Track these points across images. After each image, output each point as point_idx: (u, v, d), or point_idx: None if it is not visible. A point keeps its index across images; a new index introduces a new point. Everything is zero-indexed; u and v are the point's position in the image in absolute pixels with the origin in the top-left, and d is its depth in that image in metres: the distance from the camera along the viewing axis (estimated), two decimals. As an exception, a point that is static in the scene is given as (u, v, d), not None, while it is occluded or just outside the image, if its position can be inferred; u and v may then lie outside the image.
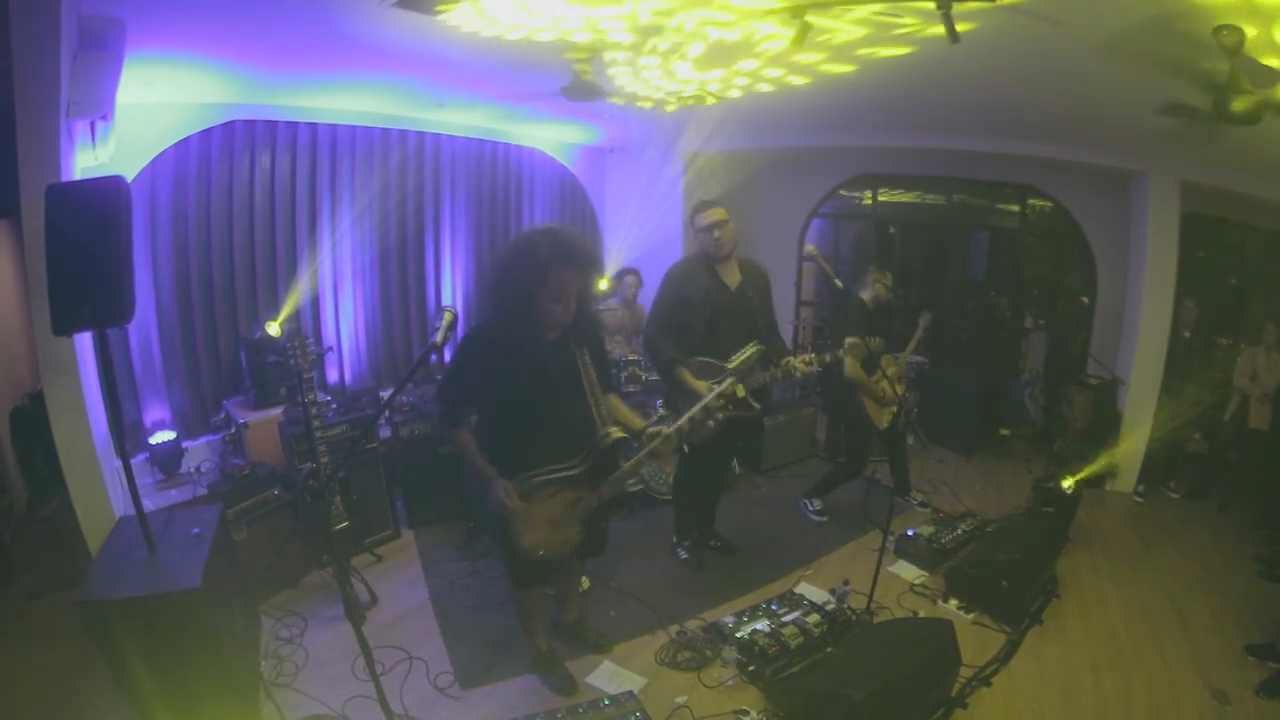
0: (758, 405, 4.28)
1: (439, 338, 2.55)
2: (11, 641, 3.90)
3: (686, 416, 3.19)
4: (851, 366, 5.12)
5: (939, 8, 3.24)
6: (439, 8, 3.66)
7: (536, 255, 2.85)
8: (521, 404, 3.02)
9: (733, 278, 4.34)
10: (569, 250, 2.89)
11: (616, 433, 3.10)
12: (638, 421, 3.26)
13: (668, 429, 3.14)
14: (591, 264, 3.00)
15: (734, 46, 4.28)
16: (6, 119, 3.01)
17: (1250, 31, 3.20)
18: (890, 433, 5.55)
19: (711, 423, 4.11)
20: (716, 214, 4.24)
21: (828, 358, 4.46)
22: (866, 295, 5.34)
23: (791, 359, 4.26)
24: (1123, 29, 3.49)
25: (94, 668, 3.20)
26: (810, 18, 3.57)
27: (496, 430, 3.13)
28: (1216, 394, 6.06)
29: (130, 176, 4.71)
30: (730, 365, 3.65)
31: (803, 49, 4.04)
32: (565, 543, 3.18)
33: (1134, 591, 4.69)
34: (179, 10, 3.57)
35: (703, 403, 3.25)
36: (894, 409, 5.37)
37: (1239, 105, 3.49)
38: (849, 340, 4.62)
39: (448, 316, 2.60)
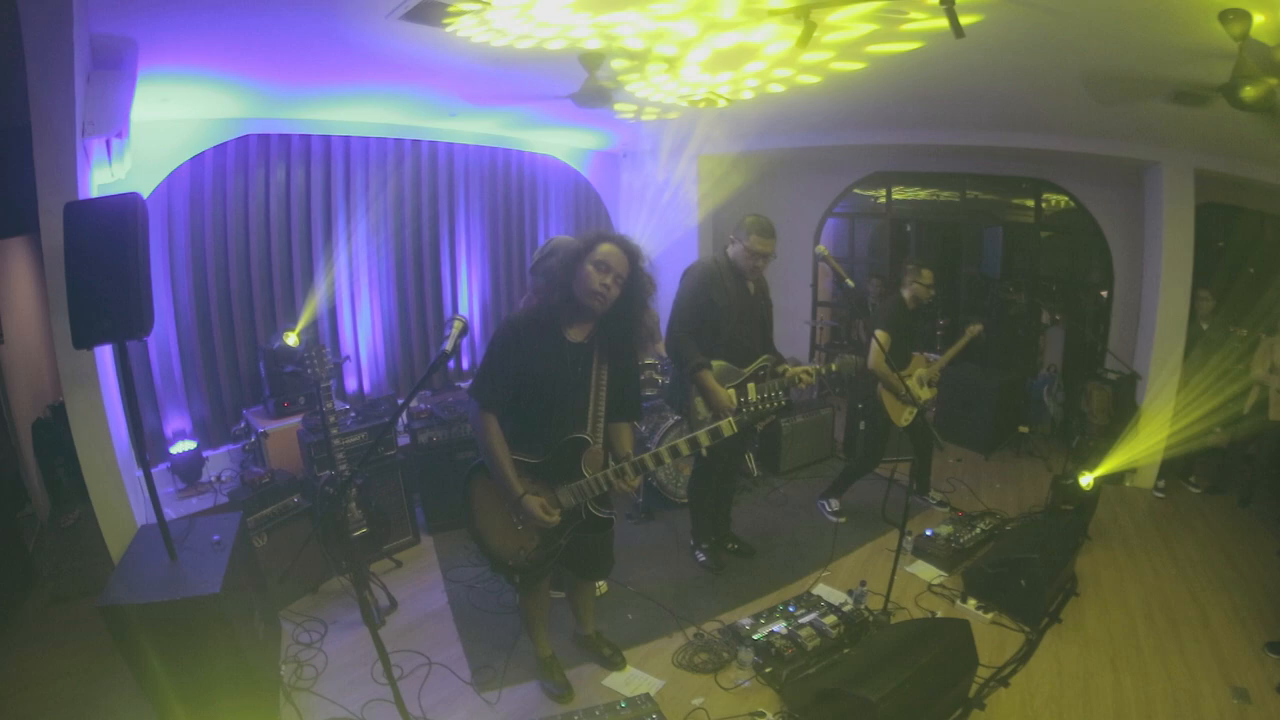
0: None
1: (449, 345, 2.57)
2: (35, 647, 3.97)
3: (666, 447, 3.14)
4: (876, 358, 5.13)
5: (941, 1, 3.24)
6: (446, 20, 3.70)
7: (597, 231, 3.14)
8: (524, 393, 3.05)
9: (750, 285, 4.42)
10: (623, 236, 3.13)
11: (584, 435, 3.10)
12: (627, 449, 3.26)
13: (637, 458, 3.11)
14: (637, 251, 3.10)
15: (742, 49, 4.29)
16: (24, 139, 3.06)
17: (1258, 17, 3.17)
18: (918, 432, 5.54)
19: (759, 426, 4.18)
20: (772, 244, 4.29)
21: (823, 370, 4.49)
22: (906, 294, 5.33)
23: (789, 369, 4.30)
24: (1130, 13, 3.46)
25: (116, 672, 3.27)
26: (815, 17, 3.58)
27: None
28: (1235, 386, 5.99)
29: (147, 192, 4.79)
30: (744, 374, 3.63)
31: (809, 49, 4.05)
32: (520, 549, 3.18)
33: (1154, 588, 4.65)
34: (190, 28, 3.61)
35: (688, 437, 3.17)
36: (914, 409, 5.35)
37: (1249, 92, 3.46)
38: (842, 358, 4.63)
39: (458, 325, 2.62)
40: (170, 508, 4.66)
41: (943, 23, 3.43)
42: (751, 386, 4.28)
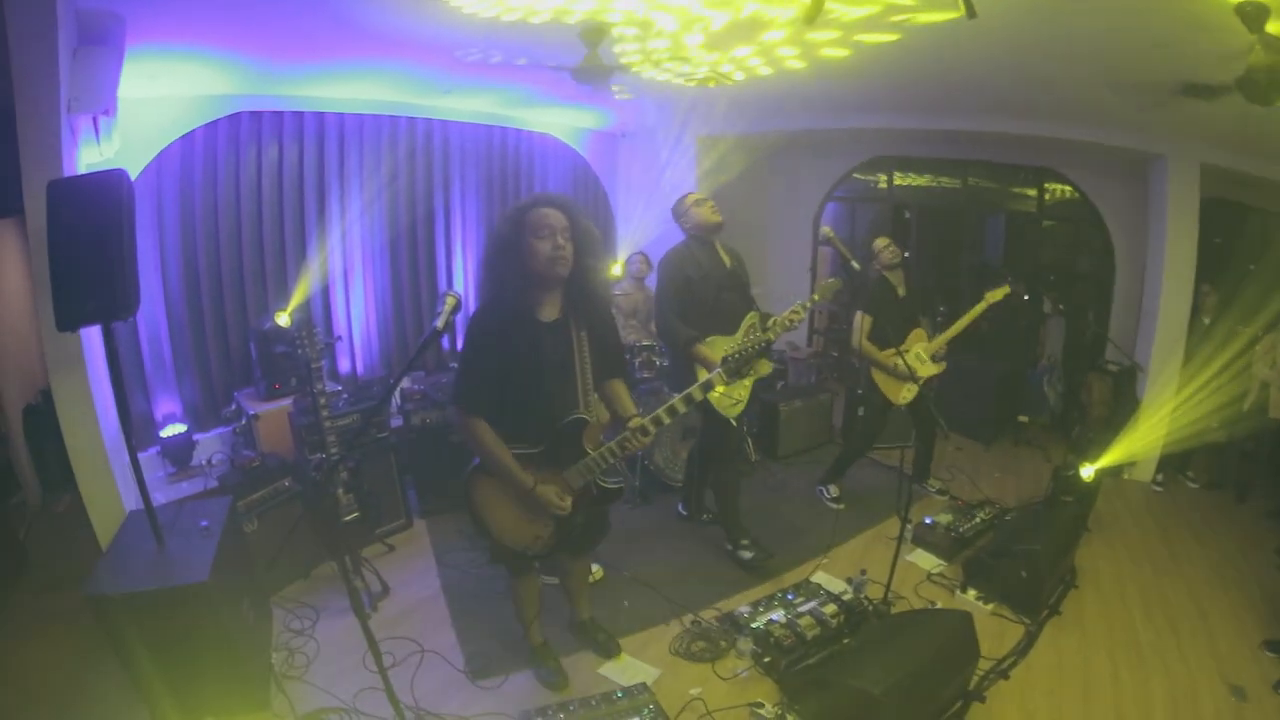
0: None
1: (440, 322, 2.48)
2: (26, 636, 3.92)
3: (664, 408, 3.07)
4: (861, 339, 5.13)
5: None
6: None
7: (516, 206, 2.98)
8: (510, 386, 2.96)
9: (724, 258, 4.49)
10: (544, 194, 3.00)
11: (580, 414, 3.02)
12: (629, 410, 3.16)
13: (641, 420, 3.02)
14: (571, 205, 2.98)
15: (746, 25, 4.19)
16: (9, 117, 2.99)
17: (1275, 6, 3.10)
18: (920, 416, 5.49)
19: (750, 372, 4.21)
20: (702, 194, 4.56)
21: (808, 304, 4.26)
22: (884, 270, 5.32)
23: (776, 317, 4.15)
24: (1142, 5, 3.39)
25: (106, 662, 3.20)
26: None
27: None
28: (1236, 382, 5.95)
29: (136, 171, 4.71)
30: (733, 347, 3.54)
31: (816, 26, 3.95)
32: (536, 538, 3.11)
33: (1152, 583, 4.62)
34: (179, 2, 3.53)
35: (683, 394, 3.14)
36: (915, 386, 5.26)
37: (1265, 86, 3.38)
38: (823, 282, 4.54)
39: (450, 301, 2.52)
40: (161, 492, 4.62)
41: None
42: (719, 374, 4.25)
